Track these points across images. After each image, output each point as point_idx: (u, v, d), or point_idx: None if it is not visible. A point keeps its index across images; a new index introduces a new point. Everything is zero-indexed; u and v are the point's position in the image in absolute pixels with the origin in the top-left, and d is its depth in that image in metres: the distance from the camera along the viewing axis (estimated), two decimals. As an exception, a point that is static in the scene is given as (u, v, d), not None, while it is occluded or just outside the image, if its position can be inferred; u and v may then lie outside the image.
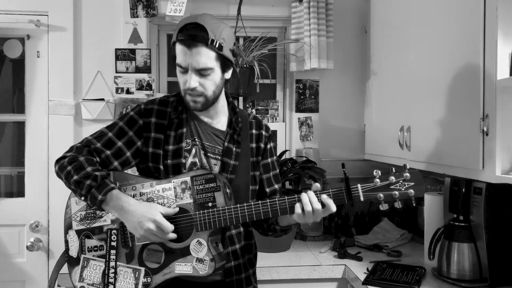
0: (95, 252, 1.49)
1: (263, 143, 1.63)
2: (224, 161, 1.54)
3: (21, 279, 2.53)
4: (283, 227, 1.55)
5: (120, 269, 1.46)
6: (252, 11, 2.69)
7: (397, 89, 2.22)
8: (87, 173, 1.42)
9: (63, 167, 1.47)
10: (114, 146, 1.51)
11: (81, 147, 1.51)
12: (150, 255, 1.45)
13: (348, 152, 2.81)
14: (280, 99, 2.88)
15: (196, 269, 1.41)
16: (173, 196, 1.45)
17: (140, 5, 2.57)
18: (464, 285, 1.77)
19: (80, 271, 1.49)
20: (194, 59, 1.42)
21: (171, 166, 1.50)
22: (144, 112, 1.55)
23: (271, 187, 1.66)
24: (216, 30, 1.43)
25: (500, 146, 1.44)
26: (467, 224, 1.83)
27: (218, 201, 1.41)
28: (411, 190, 1.33)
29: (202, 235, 1.41)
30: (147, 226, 1.37)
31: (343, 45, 2.78)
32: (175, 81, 2.83)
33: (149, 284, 1.43)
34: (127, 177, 1.49)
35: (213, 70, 1.45)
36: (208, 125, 1.57)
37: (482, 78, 1.52)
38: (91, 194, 1.40)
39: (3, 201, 2.55)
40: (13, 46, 2.58)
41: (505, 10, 1.42)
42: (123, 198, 1.41)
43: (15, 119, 2.64)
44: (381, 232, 2.50)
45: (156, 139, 1.53)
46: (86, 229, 1.50)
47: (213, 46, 1.41)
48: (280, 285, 2.05)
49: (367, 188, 1.35)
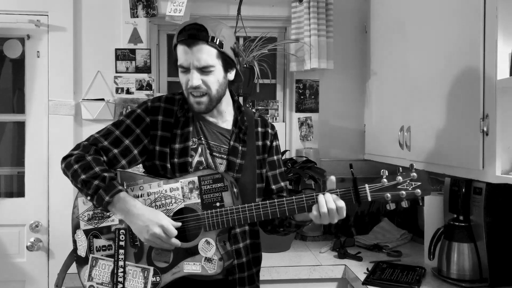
0: (103, 252, 1.49)
1: (269, 141, 1.64)
2: (230, 160, 1.54)
3: (21, 279, 2.53)
4: (298, 222, 1.54)
5: (129, 268, 1.47)
6: (252, 11, 2.69)
7: (397, 89, 2.22)
8: (95, 173, 1.41)
9: (69, 165, 1.46)
10: (121, 145, 1.51)
11: (88, 146, 1.50)
12: (159, 255, 1.45)
13: (348, 152, 2.81)
14: (280, 99, 2.88)
15: (204, 268, 1.41)
16: (181, 196, 1.45)
17: (140, 5, 2.56)
18: (464, 285, 1.77)
19: (89, 271, 1.49)
20: (195, 57, 1.42)
21: (178, 165, 1.50)
22: (151, 109, 1.55)
23: (277, 184, 1.66)
24: (215, 28, 1.44)
25: (500, 146, 1.43)
26: (467, 224, 1.83)
27: (226, 201, 1.42)
28: (418, 190, 1.35)
29: (211, 235, 1.42)
30: (153, 230, 1.37)
31: (343, 45, 2.78)
32: (175, 81, 2.84)
33: (158, 283, 1.44)
34: (135, 177, 1.49)
35: (215, 68, 1.45)
36: (213, 124, 1.57)
37: (482, 78, 1.51)
38: (98, 195, 1.40)
39: (3, 201, 2.55)
40: (13, 46, 2.58)
41: (505, 10, 1.42)
42: (130, 201, 1.41)
43: (15, 119, 2.64)
44: (381, 232, 2.50)
45: (163, 137, 1.53)
46: (94, 228, 1.50)
47: (213, 43, 1.42)
48: (280, 285, 2.05)
49: (375, 188, 1.37)
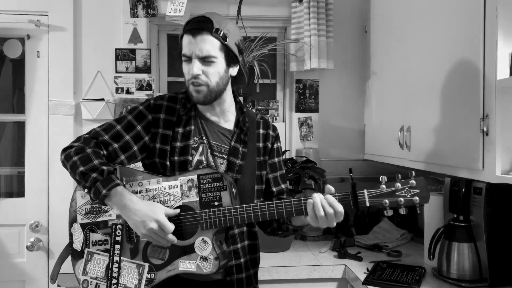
0: (99, 246, 1.49)
1: (270, 143, 1.64)
2: (230, 161, 1.54)
3: (21, 279, 2.53)
4: (295, 226, 1.54)
5: (124, 264, 1.47)
6: (252, 11, 2.69)
7: (397, 89, 2.22)
8: (94, 166, 1.42)
9: (69, 156, 1.46)
10: (121, 140, 1.51)
11: (88, 138, 1.51)
12: (154, 251, 1.45)
13: (348, 152, 2.81)
14: (280, 99, 2.88)
15: (200, 267, 1.41)
16: (179, 193, 1.45)
17: (140, 5, 2.57)
18: (464, 285, 1.77)
19: (83, 265, 1.49)
20: (198, 46, 1.44)
21: (178, 163, 1.51)
22: (153, 107, 1.55)
23: (278, 186, 1.66)
24: (221, 22, 1.47)
25: (500, 146, 1.43)
26: (467, 224, 1.82)
27: (224, 201, 1.42)
28: (416, 197, 1.35)
29: (207, 234, 1.42)
30: (150, 225, 1.37)
31: (343, 45, 2.78)
32: (175, 81, 2.84)
33: (152, 280, 1.44)
34: (134, 173, 1.49)
35: (217, 59, 1.47)
36: (215, 124, 1.58)
37: (482, 78, 1.51)
38: (96, 188, 1.40)
39: (3, 201, 2.55)
40: (13, 46, 2.58)
41: (505, 10, 1.42)
42: (127, 195, 1.41)
43: (15, 119, 2.64)
44: (381, 232, 2.50)
45: (164, 135, 1.53)
46: (91, 223, 1.50)
47: (217, 35, 1.45)
48: (280, 285, 2.04)
49: (373, 194, 1.37)
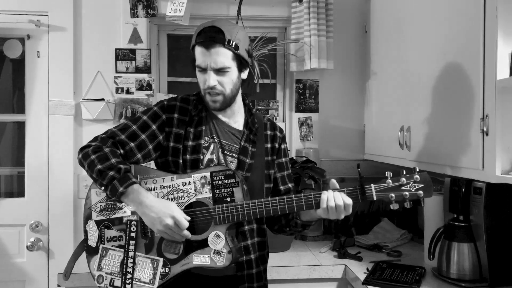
0: (114, 242, 1.52)
1: (277, 143, 1.71)
2: (240, 159, 1.60)
3: (21, 279, 2.53)
4: (304, 221, 1.60)
5: (139, 259, 1.50)
6: (252, 11, 2.69)
7: (397, 89, 2.22)
8: (111, 164, 1.46)
9: (87, 155, 1.51)
10: (138, 139, 1.56)
11: (105, 138, 1.56)
12: (169, 246, 1.49)
13: (348, 152, 2.81)
14: (280, 99, 2.88)
15: (213, 260, 1.45)
16: (193, 190, 1.50)
17: (140, 5, 2.56)
18: (464, 285, 1.77)
19: (98, 260, 1.52)
20: (213, 59, 1.50)
21: (190, 161, 1.56)
22: (167, 107, 1.62)
23: (285, 185, 1.72)
24: (232, 32, 1.51)
25: (500, 146, 1.43)
26: (467, 224, 1.83)
27: (237, 196, 1.47)
28: (421, 191, 1.42)
29: (221, 228, 1.47)
30: (166, 221, 1.42)
31: (343, 45, 2.78)
32: (175, 81, 2.83)
33: (167, 274, 1.47)
34: (148, 171, 1.54)
35: (231, 69, 1.53)
36: (226, 124, 1.64)
37: (482, 78, 1.51)
38: (113, 186, 1.45)
39: (3, 201, 2.55)
40: (13, 46, 2.58)
41: (505, 10, 1.42)
42: (143, 193, 1.46)
43: (15, 119, 2.64)
44: (381, 232, 2.50)
45: (177, 134, 1.59)
46: (106, 219, 1.54)
47: (230, 46, 1.50)
48: (280, 285, 2.05)
49: (380, 188, 1.44)
